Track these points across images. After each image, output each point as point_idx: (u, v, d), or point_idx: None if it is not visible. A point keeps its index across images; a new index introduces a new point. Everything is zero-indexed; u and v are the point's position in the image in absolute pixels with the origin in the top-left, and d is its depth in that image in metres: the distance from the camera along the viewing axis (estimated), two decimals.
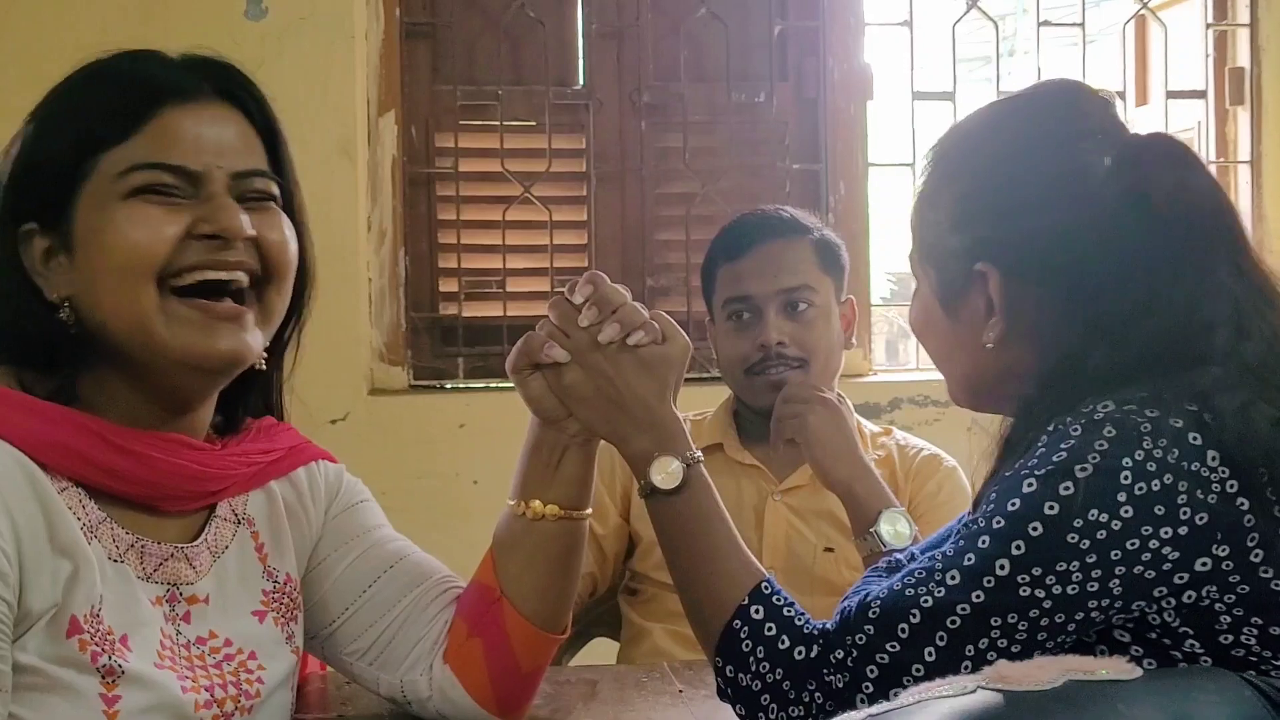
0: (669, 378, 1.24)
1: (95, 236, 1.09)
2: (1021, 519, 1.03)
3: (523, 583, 1.28)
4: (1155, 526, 1.02)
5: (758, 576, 1.17)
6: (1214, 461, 1.03)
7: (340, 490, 1.33)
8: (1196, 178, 1.14)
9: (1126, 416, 1.04)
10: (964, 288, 1.19)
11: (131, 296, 1.08)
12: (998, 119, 1.24)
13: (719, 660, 1.15)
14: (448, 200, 3.04)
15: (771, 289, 1.92)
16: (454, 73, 3.03)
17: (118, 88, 1.13)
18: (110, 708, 1.05)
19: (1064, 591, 1.02)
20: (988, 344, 1.18)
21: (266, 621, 1.22)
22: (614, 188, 3.10)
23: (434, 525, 2.80)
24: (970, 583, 1.04)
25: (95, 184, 1.10)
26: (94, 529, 1.09)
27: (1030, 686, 0.90)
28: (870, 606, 1.08)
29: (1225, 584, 1.03)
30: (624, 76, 3.10)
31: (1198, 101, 3.29)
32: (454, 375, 3.04)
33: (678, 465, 1.21)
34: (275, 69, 2.75)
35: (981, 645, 1.04)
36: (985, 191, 1.18)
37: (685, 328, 3.15)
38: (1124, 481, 1.02)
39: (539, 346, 1.24)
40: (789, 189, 3.07)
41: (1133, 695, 0.92)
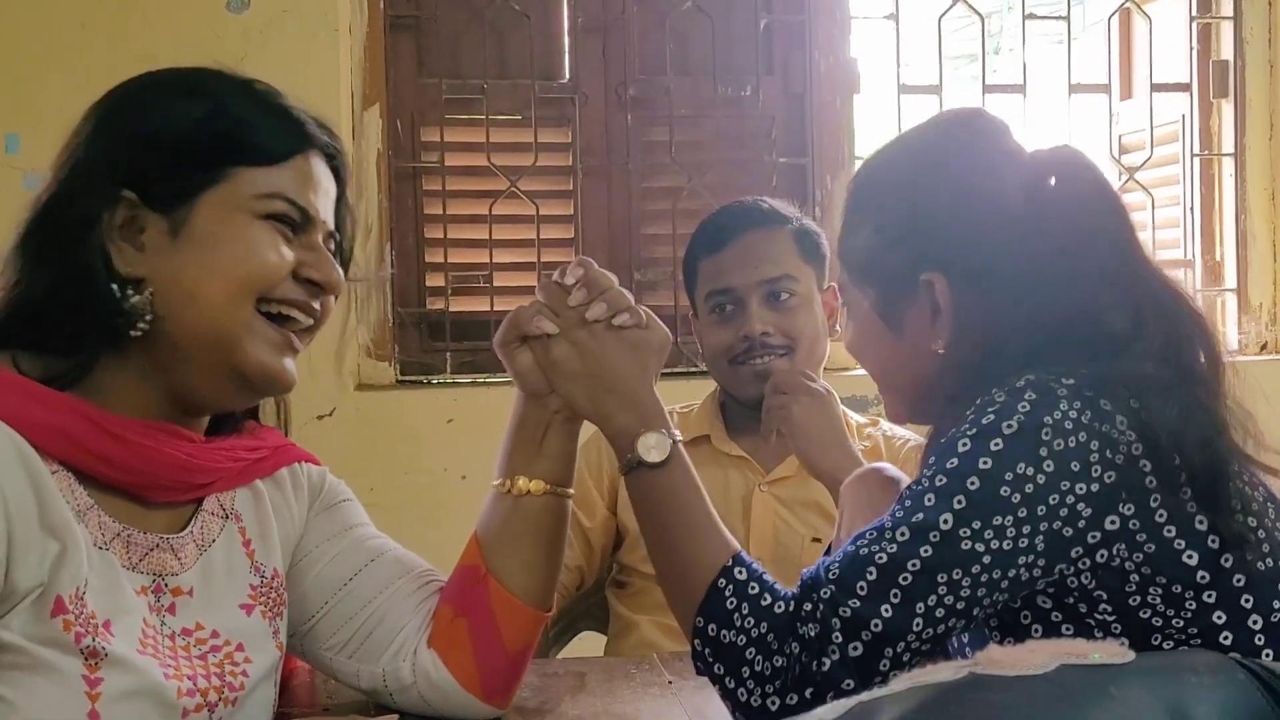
0: (650, 361, 1.29)
1: (220, 240, 1.12)
2: (960, 475, 1.10)
3: (509, 559, 1.30)
4: (1071, 482, 1.09)
5: (735, 546, 1.22)
6: (1122, 425, 1.10)
7: (323, 490, 1.34)
8: (1093, 186, 1.23)
9: (1045, 383, 1.12)
10: (908, 299, 1.26)
11: (234, 305, 1.12)
12: (915, 145, 1.32)
13: (700, 620, 1.17)
14: (434, 195, 3.02)
15: (753, 280, 1.92)
16: (439, 66, 3.02)
17: (279, 117, 1.17)
18: (92, 689, 1.05)
19: (1000, 546, 1.09)
20: (938, 348, 1.24)
21: (254, 614, 1.22)
22: (600, 182, 3.09)
23: (422, 520, 2.80)
24: (918, 538, 1.10)
25: (229, 190, 1.13)
26: (82, 514, 1.09)
27: (1022, 671, 0.91)
28: (829, 568, 1.13)
29: (1133, 542, 1.10)
30: (610, 70, 3.09)
31: (1182, 94, 3.29)
32: (441, 370, 3.03)
33: (663, 438, 1.24)
34: (258, 62, 2.74)
35: (930, 603, 1.09)
36: (919, 209, 1.25)
37: (673, 322, 3.20)
38: (1044, 437, 1.09)
39: (528, 319, 1.28)
40: (775, 183, 3.06)
41: (1125, 679, 0.92)
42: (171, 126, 1.13)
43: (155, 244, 1.11)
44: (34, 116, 2.71)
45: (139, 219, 1.11)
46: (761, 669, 1.13)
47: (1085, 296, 1.19)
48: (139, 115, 1.14)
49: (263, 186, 1.14)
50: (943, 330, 1.24)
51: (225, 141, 1.14)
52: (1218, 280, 3.32)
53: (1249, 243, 3.28)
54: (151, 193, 1.11)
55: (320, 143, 1.19)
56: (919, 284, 1.24)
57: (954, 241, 1.23)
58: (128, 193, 1.11)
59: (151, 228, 1.12)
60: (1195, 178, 3.29)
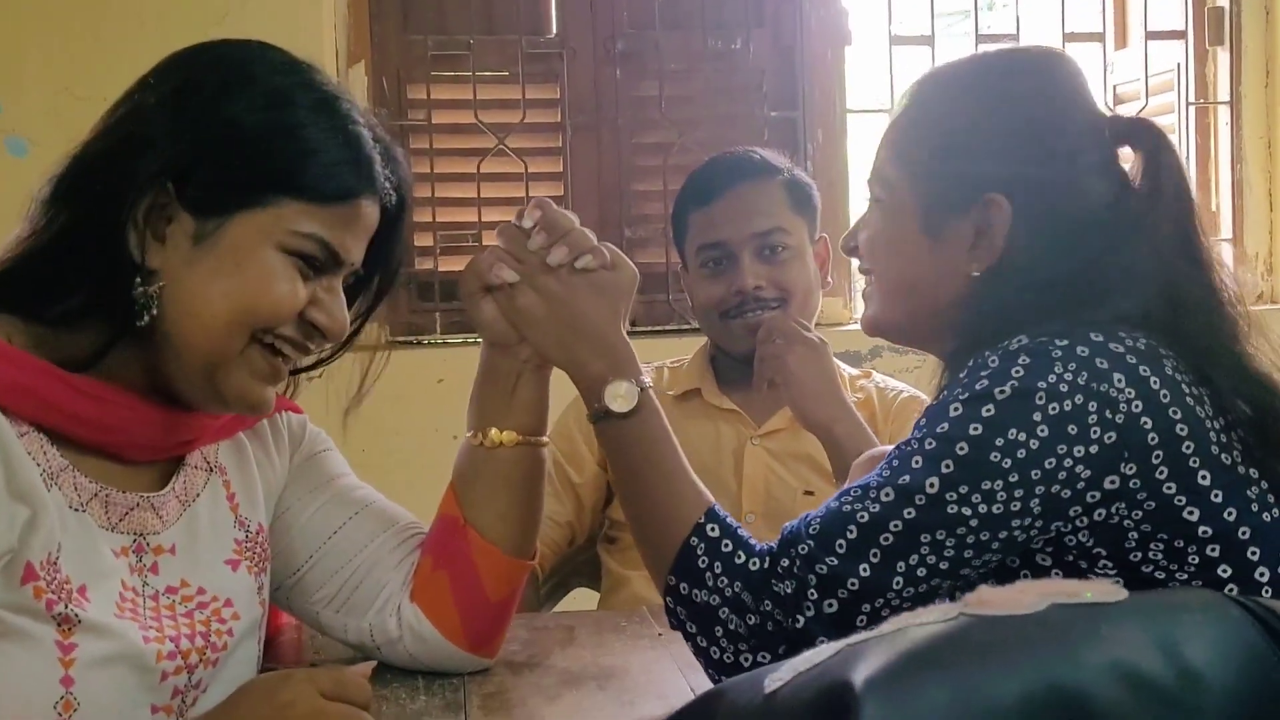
0: (619, 303, 1.25)
1: (240, 265, 1.08)
2: (950, 440, 1.09)
3: (486, 510, 1.28)
4: (1069, 445, 1.07)
5: (708, 500, 1.20)
6: (1120, 383, 1.08)
7: (304, 439, 1.33)
8: (1171, 164, 1.21)
9: (1038, 345, 1.10)
10: (957, 212, 1.21)
11: (232, 332, 1.09)
12: (999, 66, 1.28)
13: (672, 578, 1.17)
14: (421, 153, 2.99)
15: (745, 233, 1.90)
16: (424, 22, 2.98)
17: (351, 151, 1.12)
18: (65, 655, 1.03)
19: (989, 510, 1.08)
20: (972, 270, 1.20)
21: (240, 570, 1.21)
22: (589, 138, 3.06)
23: (412, 480, 2.76)
24: (903, 500, 1.09)
25: (268, 218, 1.09)
26: (54, 476, 1.07)
27: (1012, 610, 0.89)
28: (810, 523, 1.12)
29: (1133, 500, 1.09)
30: (598, 24, 3.05)
31: (1177, 42, 3.25)
32: (431, 330, 3.01)
33: (631, 388, 1.22)
34: (240, 19, 2.71)
35: (912, 561, 1.08)
36: (997, 127, 1.21)
37: (663, 279, 3.16)
38: (1039, 402, 1.07)
39: (488, 268, 1.25)
40: (767, 137, 3.03)
41: (1117, 618, 0.90)
42: (237, 136, 1.08)
43: (176, 242, 1.08)
44: (15, 80, 2.67)
45: (169, 210, 1.08)
46: (735, 627, 1.13)
47: (1125, 276, 1.17)
48: (210, 110, 1.08)
49: (302, 225, 1.09)
50: (984, 255, 1.20)
51: (284, 171, 1.09)
52: (1214, 230, 3.28)
53: (1245, 192, 3.25)
54: (190, 192, 1.07)
55: (379, 186, 1.14)
56: (978, 201, 1.20)
57: (1027, 170, 1.20)
58: (168, 182, 1.07)
59: (178, 224, 1.08)
60: (1191, 127, 3.26)
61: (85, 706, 1.04)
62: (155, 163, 1.06)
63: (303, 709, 0.96)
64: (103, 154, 1.08)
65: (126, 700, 1.07)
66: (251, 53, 1.13)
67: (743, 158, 1.98)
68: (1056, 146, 1.21)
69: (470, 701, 1.23)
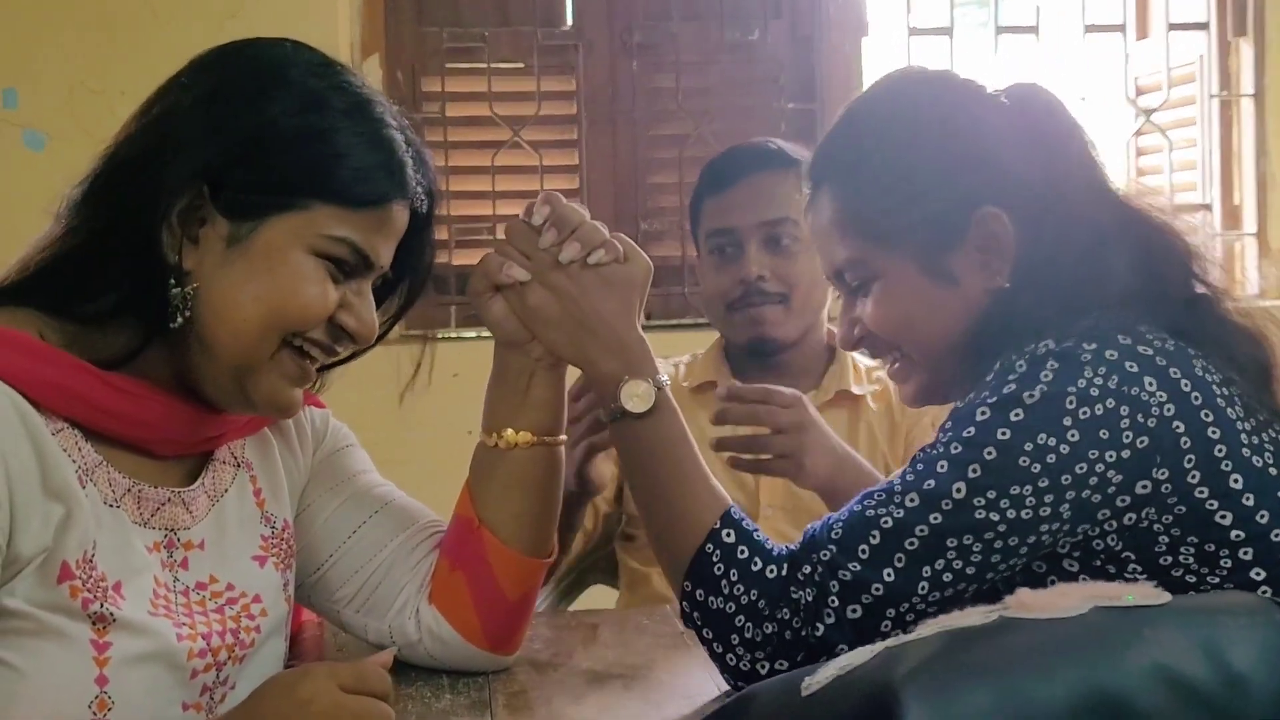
0: (633, 297, 1.23)
1: (274, 269, 1.08)
2: (977, 445, 1.07)
3: (501, 511, 1.26)
4: (1100, 450, 1.06)
5: (725, 502, 1.18)
6: (1151, 386, 1.07)
7: (327, 434, 1.32)
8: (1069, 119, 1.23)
9: (1067, 350, 1.09)
10: (956, 243, 1.19)
11: (261, 334, 1.09)
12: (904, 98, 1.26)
13: (688, 584, 1.15)
14: (435, 146, 2.97)
15: (753, 221, 1.88)
16: (439, 14, 2.97)
17: (383, 156, 1.11)
18: (100, 654, 1.03)
19: (1018, 515, 1.06)
20: (1001, 283, 1.18)
21: (267, 566, 1.20)
22: (605, 130, 3.04)
23: (428, 475, 2.75)
24: (928, 505, 1.08)
25: (302, 221, 1.08)
26: (90, 472, 1.06)
27: (1053, 613, 0.88)
28: (833, 528, 1.11)
29: (1163, 505, 1.08)
30: (614, 16, 3.04)
31: (1200, 34, 3.22)
32: (446, 324, 3.00)
33: (648, 388, 1.20)
34: (254, 11, 2.69)
35: (938, 566, 1.07)
36: (945, 146, 1.20)
37: (679, 272, 3.14)
38: (1069, 406, 1.07)
39: (497, 267, 1.23)
40: (783, 129, 3.00)
41: (1159, 621, 0.89)
42: (272, 139, 1.07)
43: (210, 244, 1.08)
44: (32, 71, 2.67)
45: (202, 212, 1.07)
46: (751, 635, 1.11)
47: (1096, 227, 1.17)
48: (246, 112, 1.07)
49: (336, 229, 1.09)
50: (1001, 266, 1.18)
51: (317, 174, 1.08)
52: (1237, 224, 3.27)
53: (1269, 185, 3.22)
54: (224, 195, 1.07)
55: (410, 190, 1.13)
56: (970, 223, 1.18)
57: (1004, 175, 1.19)
58: (202, 184, 1.06)
59: (211, 226, 1.08)
60: (1214, 119, 3.23)
61: (120, 706, 1.03)
62: (190, 165, 1.06)
63: (323, 704, 0.95)
64: (138, 155, 1.08)
65: (160, 699, 1.07)
66: (286, 54, 1.12)
67: (760, 147, 1.96)
68: (993, 139, 1.20)
69: (495, 700, 1.22)
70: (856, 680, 0.84)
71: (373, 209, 1.11)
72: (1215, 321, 1.17)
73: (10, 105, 2.71)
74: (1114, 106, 3.25)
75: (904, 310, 1.22)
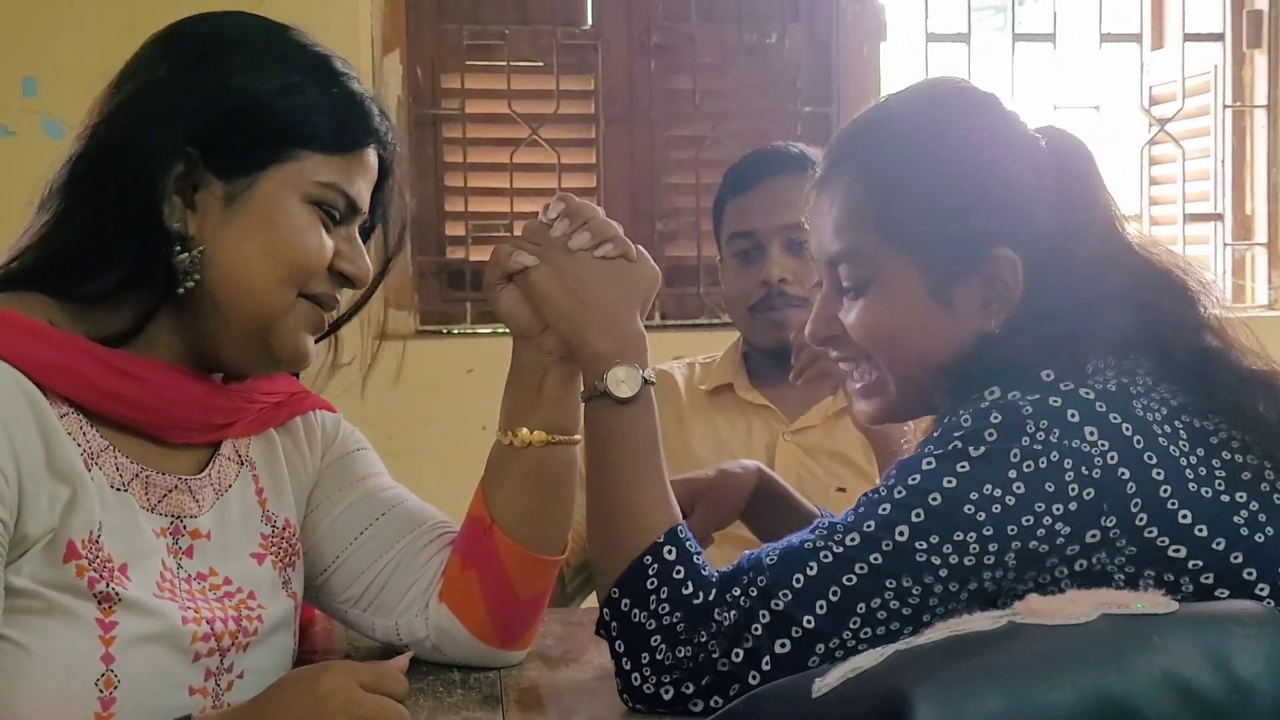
0: (637, 293, 1.23)
1: (273, 221, 1.11)
2: (922, 491, 1.08)
3: (512, 510, 1.27)
4: (1047, 503, 1.06)
5: (675, 518, 1.18)
6: (1093, 436, 1.07)
7: (337, 438, 1.33)
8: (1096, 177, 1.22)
9: (1009, 403, 1.09)
10: (964, 273, 1.17)
11: (278, 288, 1.12)
12: (943, 111, 1.23)
13: (616, 591, 1.15)
14: (454, 142, 3.00)
15: (776, 224, 1.89)
16: (460, 11, 2.99)
17: (354, 105, 1.15)
18: (107, 633, 1.04)
19: (960, 561, 1.07)
20: (992, 327, 1.17)
21: (265, 564, 1.21)
22: (623, 130, 3.05)
23: (441, 471, 2.77)
24: (869, 545, 1.08)
25: (293, 172, 1.12)
26: (95, 456, 1.07)
27: (1062, 620, 0.89)
28: (770, 554, 1.11)
29: (1114, 549, 1.08)
30: (633, 16, 3.05)
31: (1215, 44, 3.23)
32: (461, 320, 3.01)
33: (635, 376, 1.19)
34: (276, 6, 2.69)
35: (874, 604, 1.07)
36: (977, 176, 1.18)
37: (694, 273, 3.15)
38: (1014, 460, 1.06)
39: (507, 256, 1.24)
40: (800, 131, 3.01)
41: (1168, 629, 0.90)
42: (252, 97, 1.11)
43: (208, 206, 1.10)
44: (52, 60, 2.68)
45: (195, 177, 1.10)
46: (662, 657, 1.11)
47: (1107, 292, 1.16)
48: (220, 76, 1.11)
49: (325, 175, 1.13)
50: (1001, 310, 1.17)
51: (301, 124, 1.12)
52: (1248, 234, 3.27)
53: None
54: (215, 156, 1.10)
55: (381, 136, 1.18)
56: (986, 259, 1.16)
57: (1027, 219, 1.17)
58: (191, 150, 1.09)
59: (206, 189, 1.10)
60: (1227, 130, 3.24)
61: (125, 684, 1.04)
62: (181, 132, 1.08)
63: (341, 700, 0.96)
64: (123, 132, 1.09)
65: (165, 680, 1.08)
66: (243, 21, 1.17)
67: (783, 150, 1.97)
68: (1025, 181, 1.18)
69: (507, 696, 1.23)
70: (866, 683, 0.85)
71: (354, 153, 1.15)
72: (1226, 374, 1.15)
73: (30, 94, 2.72)
74: (1128, 116, 3.25)
75: (894, 321, 1.20)
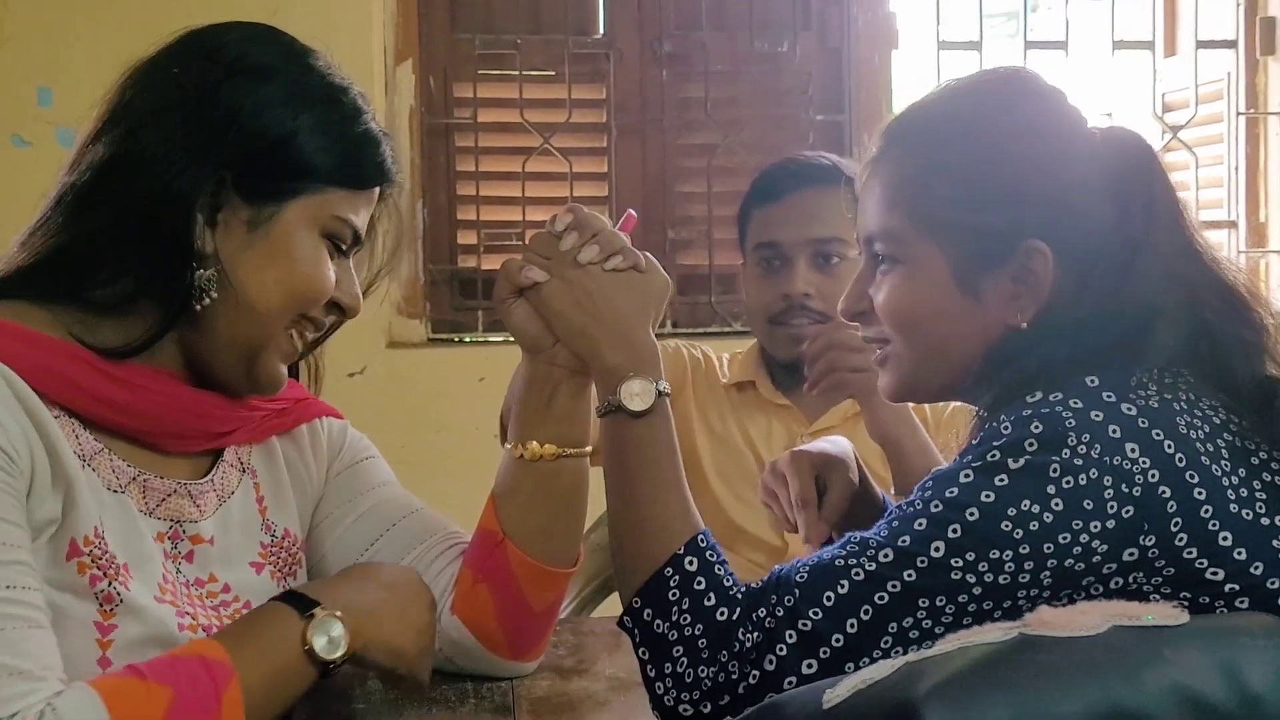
0: (649, 304, 1.23)
1: (293, 252, 1.12)
2: (959, 505, 1.05)
3: (525, 524, 1.26)
4: (1085, 520, 1.04)
5: (696, 527, 1.16)
6: (1134, 453, 1.05)
7: (343, 447, 1.32)
8: (1161, 174, 1.18)
9: (1051, 415, 1.06)
10: (992, 264, 1.15)
11: (280, 315, 1.14)
12: (994, 98, 1.21)
13: (638, 601, 1.13)
14: (466, 151, 3.01)
15: (802, 237, 1.88)
16: (472, 21, 3.00)
17: (373, 144, 1.17)
18: (104, 636, 1.03)
19: (995, 580, 1.04)
20: (1019, 322, 1.15)
21: (264, 574, 1.21)
22: (634, 139, 3.06)
23: (452, 479, 2.78)
24: (903, 561, 1.05)
25: (316, 204, 1.13)
26: (89, 459, 1.07)
27: (1074, 632, 0.89)
28: (799, 571, 1.08)
29: (1152, 568, 1.05)
30: (644, 25, 3.06)
31: (1228, 51, 3.23)
32: (473, 328, 3.02)
33: (649, 388, 1.18)
34: (290, 16, 2.70)
35: (905, 624, 1.05)
36: (1022, 166, 1.16)
37: (706, 281, 3.15)
38: (1053, 475, 1.04)
39: (517, 270, 1.23)
40: (812, 140, 3.02)
41: (1179, 641, 0.90)
42: (289, 131, 1.12)
43: (230, 228, 1.11)
44: (66, 70, 2.70)
45: (221, 197, 1.10)
46: (683, 672, 1.09)
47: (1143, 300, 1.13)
48: (260, 107, 1.11)
49: (342, 210, 1.15)
50: (1029, 304, 1.15)
51: (336, 160, 1.14)
52: (1262, 241, 3.26)
53: None
54: (244, 181, 1.11)
55: (391, 175, 1.20)
56: (1017, 250, 1.14)
57: (1055, 209, 1.14)
58: (225, 173, 1.10)
59: (230, 210, 1.11)
60: (1240, 137, 3.23)
61: None
62: (217, 158, 1.09)
63: None
64: (156, 146, 1.09)
65: None
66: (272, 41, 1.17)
67: (812, 162, 1.95)
68: (1072, 177, 1.16)
69: (519, 706, 1.23)
70: (876, 694, 0.85)
71: (361, 192, 1.17)
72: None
73: (45, 104, 2.74)
74: (1141, 123, 3.24)
75: (917, 305, 1.19)
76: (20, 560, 0.97)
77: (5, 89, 2.76)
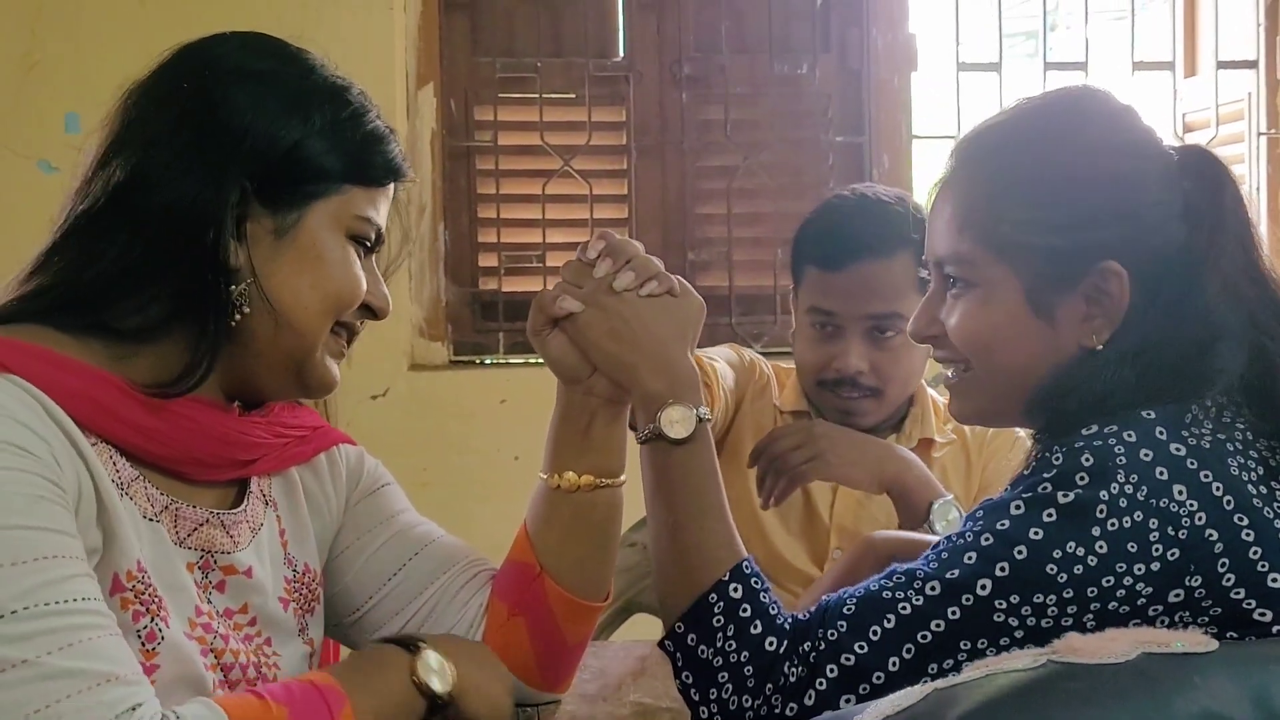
0: (685, 331, 1.22)
1: (321, 255, 1.12)
2: (1009, 540, 1.05)
3: (562, 556, 1.25)
4: (1129, 563, 1.03)
5: (739, 554, 1.16)
6: (1181, 495, 1.04)
7: (362, 476, 1.31)
8: (1235, 195, 1.17)
9: (1105, 446, 1.06)
10: (1066, 286, 1.15)
11: (322, 320, 1.14)
12: (1063, 118, 1.20)
13: (681, 626, 1.13)
14: (487, 174, 3.02)
15: (860, 312, 1.80)
16: (493, 44, 3.01)
17: (387, 141, 1.18)
18: (150, 676, 1.00)
19: (1037, 624, 1.04)
20: (1095, 345, 1.14)
21: (289, 609, 1.20)
22: (654, 161, 3.07)
23: (474, 501, 2.80)
24: (950, 596, 1.05)
25: (339, 205, 1.13)
26: (126, 486, 1.06)
27: (1103, 659, 0.89)
28: (846, 603, 1.08)
29: (1198, 608, 1.05)
30: (664, 48, 3.07)
31: (1249, 72, 3.22)
32: (494, 350, 3.02)
33: (689, 416, 1.18)
34: (313, 40, 2.71)
35: (945, 665, 1.05)
36: (1094, 187, 1.15)
37: (727, 304, 3.15)
38: (1099, 516, 1.04)
39: (551, 301, 1.22)
40: (832, 162, 3.03)
41: (1209, 668, 0.89)
42: (304, 136, 1.11)
43: (258, 239, 1.10)
44: (94, 96, 2.69)
45: (244, 208, 1.09)
46: (728, 699, 1.09)
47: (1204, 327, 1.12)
48: (273, 116, 1.10)
49: (364, 208, 1.15)
50: (1103, 327, 1.14)
51: (350, 158, 1.13)
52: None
53: None
54: (265, 190, 1.10)
55: (403, 171, 1.20)
56: (1092, 272, 1.13)
57: (1129, 229, 1.14)
58: (247, 183, 1.09)
59: (255, 222, 1.10)
60: (1261, 157, 3.22)
61: None
62: (239, 171, 1.08)
63: None
64: (172, 165, 1.08)
65: None
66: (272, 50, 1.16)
67: (875, 227, 1.81)
68: (1145, 196, 1.15)
69: None
70: None
71: (380, 188, 1.17)
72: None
73: (73, 130, 2.76)
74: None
75: (991, 330, 1.18)
76: (86, 573, 0.97)
77: (33, 115, 2.79)
